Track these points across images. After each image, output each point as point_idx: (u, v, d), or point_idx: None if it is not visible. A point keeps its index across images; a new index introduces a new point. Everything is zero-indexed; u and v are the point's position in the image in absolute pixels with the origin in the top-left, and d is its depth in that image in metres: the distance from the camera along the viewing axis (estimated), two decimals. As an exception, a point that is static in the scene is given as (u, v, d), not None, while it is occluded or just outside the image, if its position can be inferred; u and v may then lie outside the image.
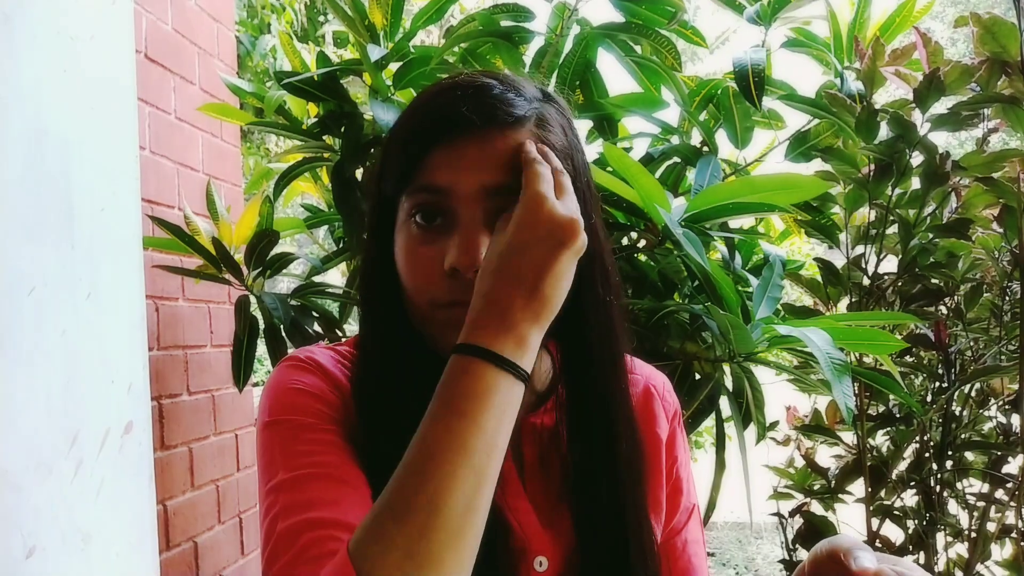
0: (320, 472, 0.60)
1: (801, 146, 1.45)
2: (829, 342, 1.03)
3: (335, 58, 1.43)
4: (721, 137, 1.42)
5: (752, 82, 1.24)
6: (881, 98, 1.39)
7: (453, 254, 0.62)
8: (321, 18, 5.21)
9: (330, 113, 1.39)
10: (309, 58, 1.50)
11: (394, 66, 1.37)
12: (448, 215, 0.64)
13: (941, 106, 1.31)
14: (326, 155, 1.42)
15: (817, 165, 1.49)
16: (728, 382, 1.27)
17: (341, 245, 1.57)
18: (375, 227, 0.70)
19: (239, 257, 1.47)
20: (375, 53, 1.28)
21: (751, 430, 1.26)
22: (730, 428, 1.28)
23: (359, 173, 1.39)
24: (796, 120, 1.47)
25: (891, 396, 1.52)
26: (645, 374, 0.83)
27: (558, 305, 0.59)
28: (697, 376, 1.24)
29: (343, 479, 0.60)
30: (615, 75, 1.41)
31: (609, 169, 1.20)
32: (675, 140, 1.47)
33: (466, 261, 0.61)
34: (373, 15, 1.35)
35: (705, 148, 1.42)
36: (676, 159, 1.45)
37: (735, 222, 1.38)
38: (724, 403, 1.26)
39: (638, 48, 1.36)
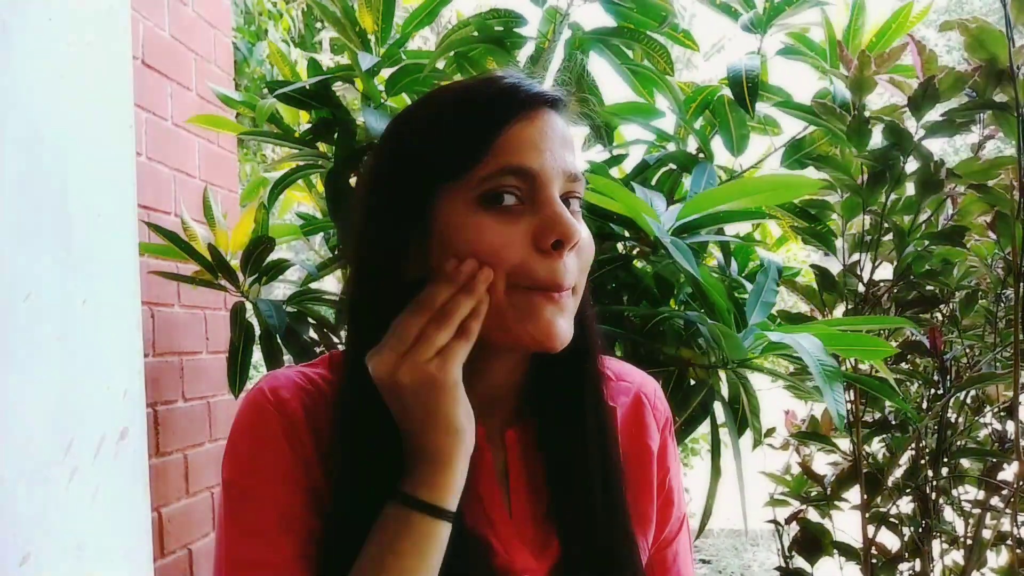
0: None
1: (797, 152, 1.45)
2: (820, 348, 1.02)
3: (332, 64, 1.43)
4: (717, 144, 1.42)
5: (746, 89, 1.25)
6: (875, 104, 1.40)
7: (557, 228, 0.60)
8: (318, 24, 5.22)
9: (322, 120, 1.39)
10: (303, 63, 1.50)
11: (387, 72, 1.37)
12: (524, 195, 0.61)
13: (935, 113, 1.32)
14: (320, 162, 1.42)
15: (813, 172, 1.49)
16: (724, 388, 1.27)
17: (336, 252, 1.57)
18: (395, 226, 0.63)
19: (235, 264, 1.47)
20: (366, 61, 1.28)
21: (747, 436, 1.26)
22: (725, 434, 1.28)
23: (353, 181, 1.39)
24: (792, 126, 1.47)
25: (887, 403, 1.52)
26: (636, 382, 0.80)
27: None
28: (692, 382, 1.24)
29: None
30: (609, 80, 1.41)
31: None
32: (671, 147, 1.47)
33: (571, 233, 0.60)
34: (363, 19, 1.34)
35: (701, 155, 1.42)
36: (672, 166, 1.45)
37: (731, 227, 1.39)
38: (720, 409, 1.26)
39: (630, 53, 1.37)
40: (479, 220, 0.60)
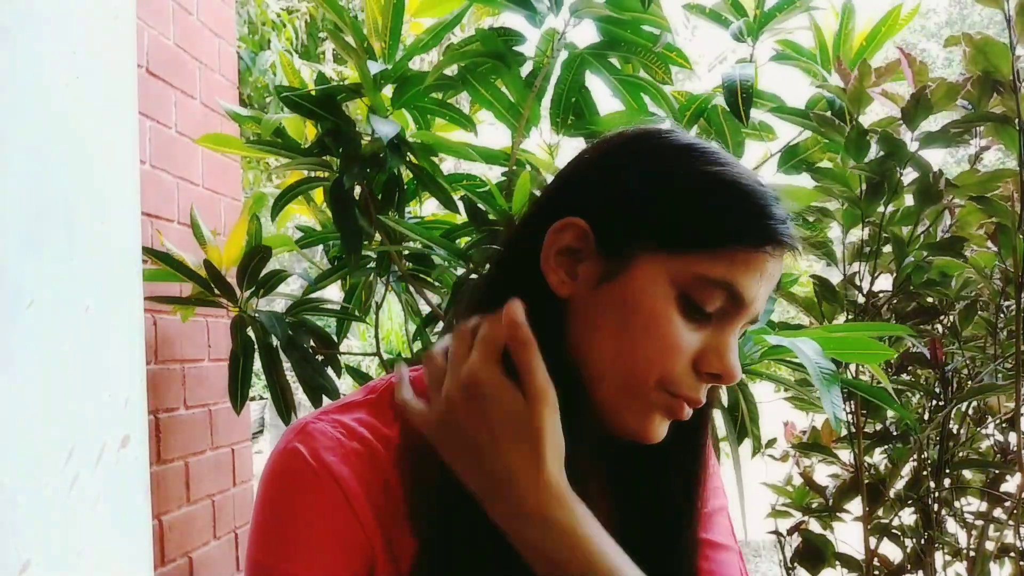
0: None
1: (792, 158, 1.46)
2: (819, 351, 1.02)
3: (334, 75, 1.44)
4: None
5: (740, 98, 1.25)
6: (871, 115, 1.40)
7: (724, 365, 0.58)
8: (322, 34, 5.25)
9: (328, 131, 1.40)
10: (307, 73, 1.51)
11: (390, 88, 1.38)
12: (719, 312, 0.58)
13: (933, 123, 1.32)
14: (324, 174, 1.42)
15: (809, 177, 1.50)
16: (724, 396, 1.27)
17: (336, 263, 1.57)
18: (600, 274, 0.59)
19: (231, 279, 1.46)
20: (375, 67, 1.28)
21: (747, 444, 1.26)
22: (724, 445, 1.28)
23: (357, 192, 1.40)
24: (787, 130, 1.47)
25: (888, 413, 1.52)
26: None
27: None
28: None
29: None
30: (606, 93, 1.41)
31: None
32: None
33: (732, 377, 0.58)
34: (372, 40, 1.36)
35: None
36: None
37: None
38: (719, 419, 1.26)
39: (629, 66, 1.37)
40: (670, 311, 0.57)
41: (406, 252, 1.50)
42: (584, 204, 0.60)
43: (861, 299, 1.48)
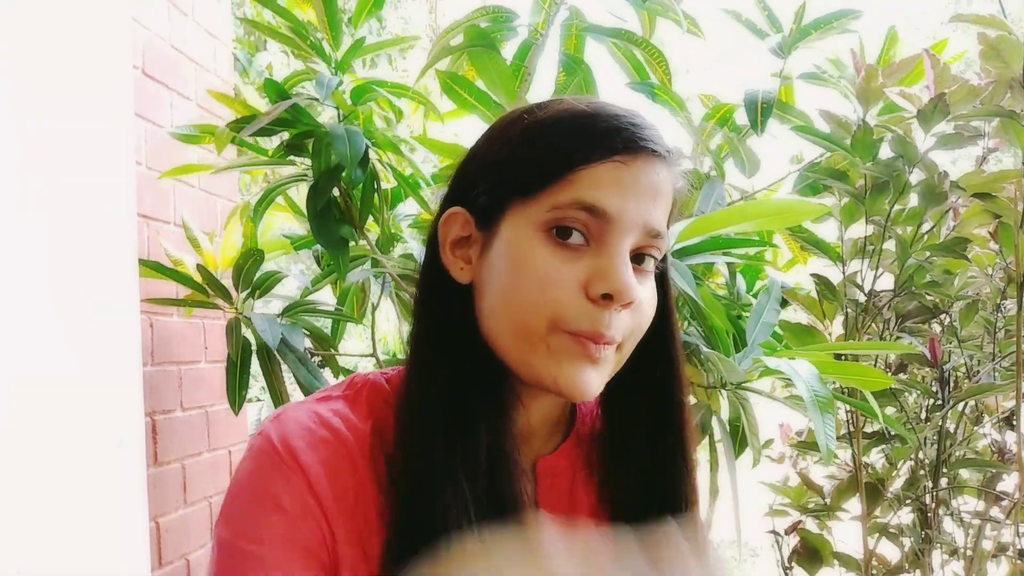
0: None
1: (811, 177, 1.43)
2: (815, 376, 1.01)
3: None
4: (730, 162, 1.40)
5: (760, 111, 1.24)
6: (882, 115, 1.39)
7: (610, 281, 0.56)
8: (318, 34, 5.21)
9: (295, 136, 1.34)
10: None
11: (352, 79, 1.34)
12: (592, 235, 0.58)
13: (945, 124, 1.31)
14: (299, 176, 1.39)
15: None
16: (725, 405, 1.26)
17: (326, 268, 1.56)
18: (466, 222, 0.63)
19: (227, 282, 1.46)
20: (323, 89, 1.23)
21: (747, 454, 1.26)
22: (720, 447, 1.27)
23: (336, 192, 1.37)
24: (811, 149, 1.45)
25: (888, 411, 1.52)
26: None
27: None
28: (692, 400, 1.23)
29: None
30: (610, 89, 1.38)
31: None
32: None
33: (623, 291, 0.56)
34: (304, 11, 1.30)
35: (712, 173, 1.38)
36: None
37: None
38: (717, 429, 1.25)
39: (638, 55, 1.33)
40: (537, 249, 0.57)
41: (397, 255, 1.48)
42: (459, 193, 0.64)
43: (862, 298, 1.48)
